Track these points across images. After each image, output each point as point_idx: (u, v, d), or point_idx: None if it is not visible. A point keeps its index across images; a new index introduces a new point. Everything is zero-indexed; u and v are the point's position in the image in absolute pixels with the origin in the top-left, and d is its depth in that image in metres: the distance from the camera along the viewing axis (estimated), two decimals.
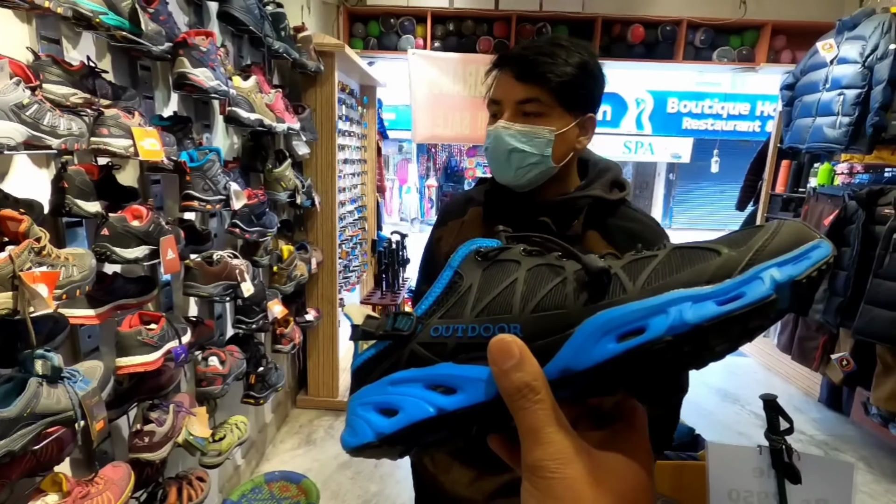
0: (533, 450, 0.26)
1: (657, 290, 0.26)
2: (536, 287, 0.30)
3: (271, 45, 2.08)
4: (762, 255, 0.25)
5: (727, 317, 0.24)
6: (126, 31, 1.20)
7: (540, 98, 0.85)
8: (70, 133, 1.02)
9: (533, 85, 0.85)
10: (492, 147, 0.89)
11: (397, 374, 0.31)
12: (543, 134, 0.86)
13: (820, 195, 3.00)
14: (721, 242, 0.27)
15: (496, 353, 0.27)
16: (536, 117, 0.87)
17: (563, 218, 0.90)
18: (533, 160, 0.88)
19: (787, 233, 0.26)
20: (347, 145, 3.18)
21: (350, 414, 0.32)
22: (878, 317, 2.34)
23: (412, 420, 0.29)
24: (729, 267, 0.25)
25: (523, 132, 0.87)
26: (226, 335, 2.04)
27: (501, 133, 0.87)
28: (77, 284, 1.01)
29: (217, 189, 1.57)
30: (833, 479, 1.22)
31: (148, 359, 1.23)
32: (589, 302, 0.28)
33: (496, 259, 0.32)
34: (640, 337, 0.25)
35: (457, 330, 0.30)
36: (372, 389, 0.31)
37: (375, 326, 0.32)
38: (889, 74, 2.34)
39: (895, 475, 2.60)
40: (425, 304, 0.32)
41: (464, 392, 0.29)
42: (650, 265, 0.28)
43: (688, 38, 3.81)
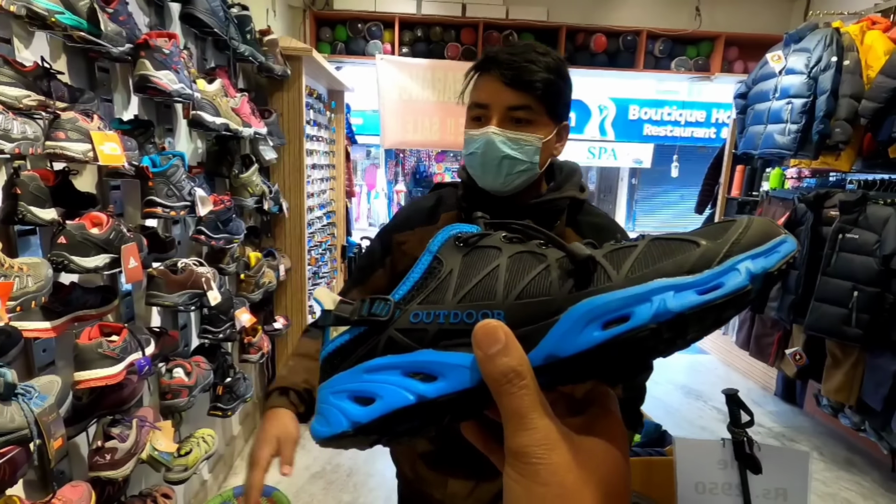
0: (518, 435, 0.26)
1: (641, 278, 0.27)
2: (520, 274, 0.29)
3: (237, 48, 2.04)
4: (737, 247, 0.26)
5: (707, 305, 0.25)
6: (84, 32, 1.16)
7: (531, 105, 0.85)
8: (24, 137, 0.97)
9: (523, 92, 0.84)
10: (481, 153, 0.88)
11: (373, 360, 0.30)
12: (533, 142, 0.87)
13: (772, 198, 3.16)
14: (698, 234, 0.28)
15: (482, 337, 0.27)
16: (526, 125, 0.87)
17: (544, 219, 0.92)
18: (522, 167, 0.88)
19: (757, 227, 0.27)
20: (315, 150, 3.14)
21: (321, 403, 0.31)
22: (826, 313, 2.48)
23: (391, 408, 0.28)
24: (708, 258, 0.26)
25: (515, 139, 0.86)
26: (191, 346, 1.97)
27: (493, 139, 0.86)
28: (32, 295, 0.96)
29: (181, 195, 1.52)
30: (790, 468, 1.28)
31: (109, 372, 1.18)
32: (574, 289, 0.28)
33: (476, 245, 0.32)
34: (625, 324, 0.26)
35: (438, 316, 0.29)
36: (345, 377, 0.30)
37: (350, 311, 0.31)
38: (832, 85, 2.49)
39: (845, 462, 2.75)
40: (403, 289, 0.31)
41: (445, 379, 0.28)
42: (632, 255, 0.28)
43: (648, 48, 3.95)
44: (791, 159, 2.94)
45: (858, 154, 2.64)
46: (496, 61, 0.86)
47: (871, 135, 2.51)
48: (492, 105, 0.87)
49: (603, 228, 0.95)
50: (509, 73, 0.84)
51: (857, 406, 2.49)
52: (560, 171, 0.99)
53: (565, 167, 0.99)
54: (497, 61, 0.85)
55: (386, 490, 2.41)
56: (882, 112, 2.37)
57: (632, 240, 0.31)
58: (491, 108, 0.87)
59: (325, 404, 0.30)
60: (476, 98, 0.89)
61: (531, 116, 0.86)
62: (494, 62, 0.85)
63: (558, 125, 0.91)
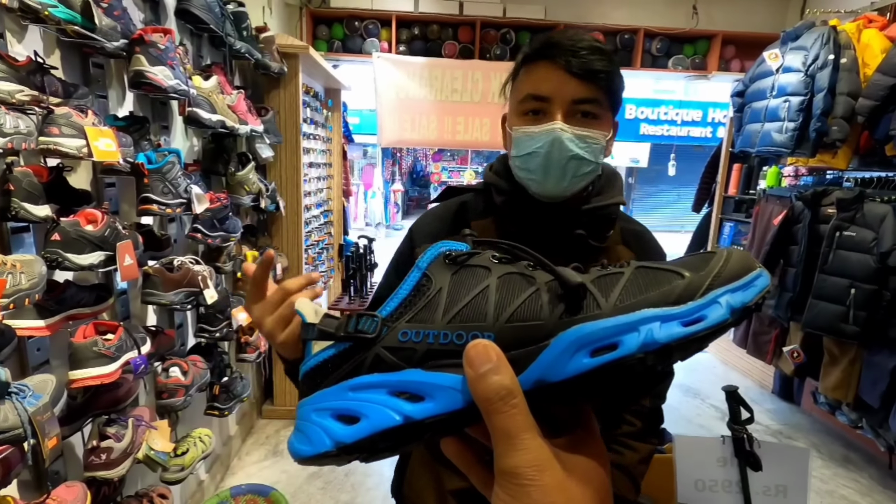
0: (509, 456, 0.26)
1: (629, 308, 0.27)
2: (510, 296, 0.29)
3: (233, 44, 2.02)
4: (718, 280, 0.28)
5: (692, 337, 0.26)
6: (78, 26, 1.14)
7: (598, 98, 0.76)
8: (17, 131, 0.96)
9: (591, 83, 0.75)
10: (545, 152, 0.76)
11: (359, 378, 0.29)
12: (600, 140, 0.78)
13: (769, 196, 3.16)
14: (682, 266, 0.29)
15: (473, 355, 0.27)
16: (593, 120, 0.77)
17: (598, 227, 0.83)
18: (588, 168, 0.78)
19: (736, 260, 0.29)
20: (312, 149, 3.12)
21: (302, 420, 0.30)
22: (823, 310, 2.48)
23: (377, 429, 0.28)
24: (692, 290, 0.28)
25: (583, 137, 0.76)
26: (187, 345, 1.96)
27: (561, 137, 0.75)
28: (25, 293, 0.95)
29: (177, 192, 1.50)
30: (790, 465, 1.28)
31: (104, 371, 1.16)
32: (564, 315, 0.28)
33: (466, 263, 0.32)
34: (613, 353, 0.27)
35: (428, 336, 0.29)
36: (328, 394, 0.30)
37: (335, 327, 0.30)
38: (829, 83, 2.50)
39: (842, 459, 2.76)
40: (391, 306, 0.31)
41: (433, 400, 0.28)
42: (620, 282, 0.29)
43: (645, 47, 3.95)
44: (788, 157, 2.95)
45: (855, 152, 2.64)
46: (559, 47, 0.75)
47: (868, 133, 2.51)
48: (555, 97, 0.76)
49: (642, 236, 0.89)
50: (576, 60, 0.73)
51: (854, 403, 2.49)
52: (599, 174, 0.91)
53: (605, 170, 0.89)
54: (560, 47, 0.74)
55: (384, 490, 2.40)
56: (879, 110, 2.37)
57: (618, 266, 0.31)
58: (553, 101, 0.76)
59: (306, 422, 0.30)
60: (534, 89, 0.77)
61: (598, 111, 0.77)
62: (557, 48, 0.75)
63: (613, 122, 0.83)
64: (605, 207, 0.83)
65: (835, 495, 2.46)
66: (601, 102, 0.77)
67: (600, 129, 0.78)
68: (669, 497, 1.35)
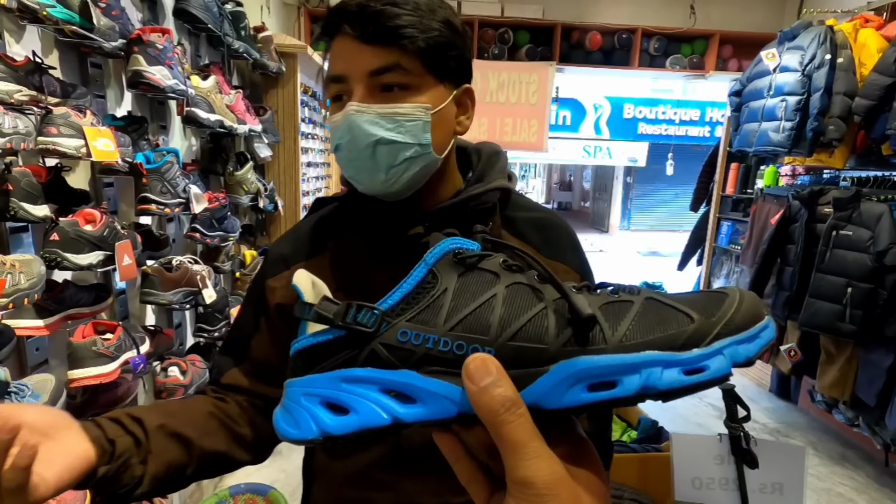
0: (523, 466, 0.25)
1: (634, 347, 0.27)
2: (516, 311, 0.29)
3: (231, 44, 2.02)
4: (727, 329, 0.28)
5: (690, 386, 0.27)
6: (76, 26, 1.14)
7: (402, 64, 0.60)
8: (15, 131, 0.96)
9: (389, 47, 0.60)
10: (346, 143, 0.62)
11: (353, 371, 0.29)
12: (416, 113, 0.62)
13: (766, 196, 3.17)
14: (693, 306, 0.29)
15: (473, 370, 0.27)
16: (402, 91, 0.62)
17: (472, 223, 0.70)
18: (409, 153, 0.62)
19: (747, 308, 0.29)
20: (311, 148, 3.13)
21: (290, 401, 0.30)
22: (820, 309, 2.49)
23: (364, 425, 0.28)
24: (699, 337, 0.28)
25: (388, 114, 0.61)
26: (186, 345, 1.96)
27: (356, 120, 0.60)
28: (25, 293, 0.95)
29: (176, 192, 1.51)
30: (787, 463, 1.29)
31: (104, 370, 1.17)
32: (569, 343, 0.28)
33: (475, 266, 0.31)
34: (611, 391, 0.27)
35: (428, 340, 0.29)
36: (321, 381, 0.29)
37: (333, 312, 0.29)
38: (825, 82, 2.51)
39: (839, 457, 2.77)
40: (393, 299, 0.30)
41: (424, 405, 0.28)
42: (628, 314, 0.29)
43: (643, 46, 3.96)
44: (785, 157, 2.96)
45: (852, 151, 2.66)
46: (344, 14, 0.61)
47: (865, 132, 2.52)
48: (350, 74, 0.61)
49: (545, 225, 0.75)
50: (363, 24, 0.59)
51: (850, 401, 2.51)
52: (477, 156, 0.75)
53: (483, 150, 0.76)
54: (345, 14, 0.61)
55: None
56: (875, 109, 2.38)
57: (627, 291, 0.31)
58: (349, 80, 0.61)
59: (295, 404, 0.29)
60: (331, 70, 0.64)
61: (406, 80, 0.61)
62: (342, 16, 0.61)
63: (455, 88, 0.66)
64: (478, 198, 0.68)
65: (831, 493, 2.47)
66: (410, 68, 0.60)
67: (414, 101, 0.62)
68: (667, 495, 1.36)
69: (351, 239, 0.72)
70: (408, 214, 0.68)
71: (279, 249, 0.75)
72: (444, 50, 0.62)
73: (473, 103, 0.70)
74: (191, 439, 0.62)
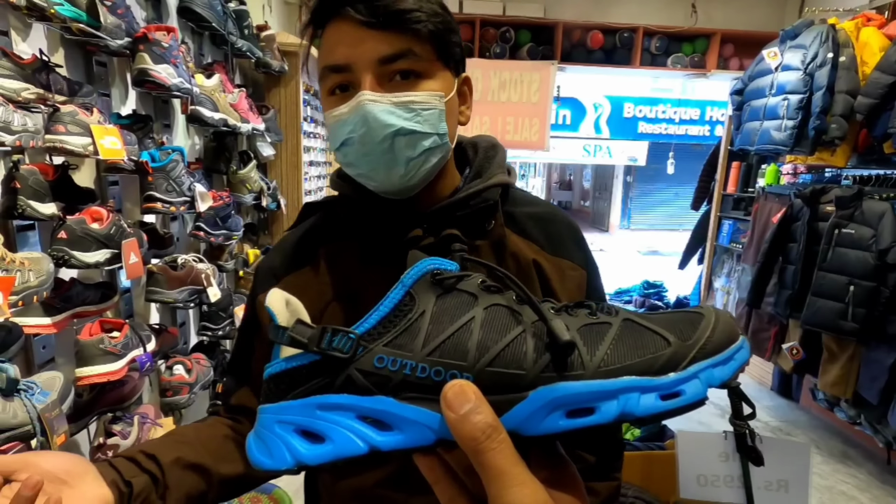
0: (507, 492, 0.25)
1: (612, 373, 0.27)
2: (494, 336, 0.29)
3: (234, 42, 2.02)
4: (702, 352, 0.28)
5: (666, 411, 0.27)
6: (83, 24, 1.14)
7: (414, 50, 0.57)
8: (25, 129, 0.96)
9: (400, 32, 0.56)
10: (359, 136, 0.57)
11: (328, 397, 0.28)
12: (432, 101, 0.58)
13: (768, 194, 3.17)
14: (669, 328, 0.29)
15: (452, 398, 0.26)
16: (415, 80, 0.58)
17: (474, 223, 0.65)
18: (428, 143, 0.59)
19: (722, 329, 0.29)
20: (313, 147, 3.13)
21: (264, 428, 0.29)
22: (822, 307, 2.50)
23: (340, 455, 0.27)
24: (675, 361, 0.28)
25: (404, 103, 0.57)
26: (190, 343, 1.96)
27: (372, 110, 0.55)
28: (34, 290, 0.95)
29: (181, 190, 1.51)
30: (791, 460, 1.29)
31: (111, 368, 1.17)
32: (548, 369, 0.28)
33: (453, 287, 0.30)
34: (589, 417, 0.27)
35: (405, 367, 0.28)
36: (295, 408, 0.28)
37: (308, 337, 0.28)
38: (828, 81, 2.51)
39: (841, 455, 2.77)
40: (369, 323, 0.29)
41: (402, 433, 0.28)
42: (606, 338, 0.29)
43: (644, 45, 3.96)
44: (787, 155, 2.96)
45: (854, 150, 2.66)
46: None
47: (867, 130, 2.53)
48: (355, 62, 0.56)
49: (547, 220, 0.72)
50: (368, 7, 0.55)
51: (852, 400, 2.51)
52: (473, 150, 0.71)
53: (480, 144, 0.71)
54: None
55: None
56: (877, 108, 2.38)
57: (605, 312, 0.31)
58: (355, 68, 0.56)
59: (268, 432, 0.29)
60: (329, 59, 0.58)
61: (419, 66, 0.58)
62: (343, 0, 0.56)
63: (457, 77, 0.63)
64: (479, 195, 0.64)
65: (833, 491, 2.48)
66: (421, 54, 0.57)
67: (430, 89, 0.58)
68: (671, 492, 1.36)
69: (342, 244, 0.68)
70: (405, 215, 0.63)
71: (269, 263, 0.72)
72: (448, 35, 0.60)
73: (472, 93, 0.68)
74: (208, 467, 0.62)
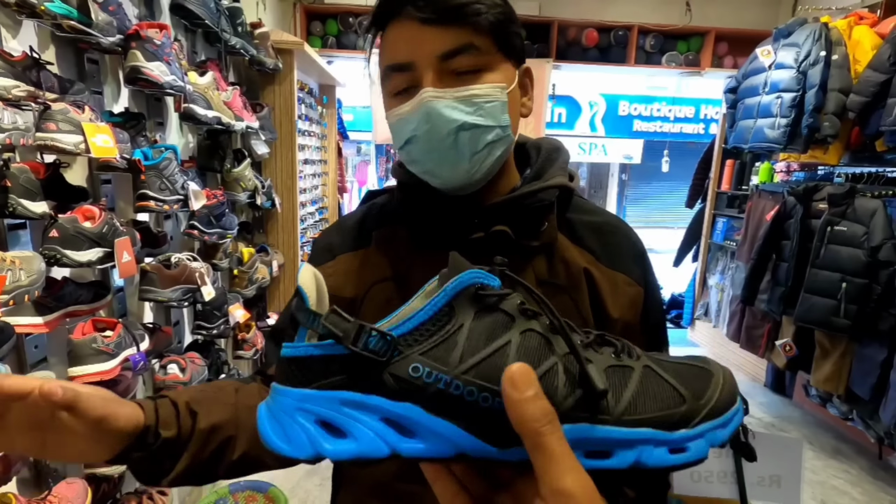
0: (563, 477, 0.26)
1: (633, 423, 0.30)
2: (529, 364, 0.29)
3: (228, 40, 2.01)
4: (711, 412, 0.31)
5: (672, 465, 0.30)
6: (74, 21, 1.13)
7: (475, 43, 0.57)
8: (15, 127, 0.95)
9: (457, 26, 0.56)
10: (424, 133, 0.58)
11: (357, 395, 0.28)
12: (494, 94, 0.58)
13: (762, 192, 3.19)
14: (684, 384, 0.32)
15: (518, 379, 0.27)
16: (476, 74, 0.58)
17: (527, 221, 0.64)
18: (491, 136, 0.59)
19: (727, 390, 0.32)
20: (308, 145, 3.12)
21: (283, 413, 0.28)
22: (815, 304, 2.52)
23: (363, 454, 0.27)
24: (688, 417, 0.31)
25: (466, 97, 0.57)
26: (184, 342, 1.95)
27: (435, 106, 0.56)
28: (25, 289, 0.94)
29: (174, 189, 1.50)
30: (784, 455, 1.30)
31: (104, 367, 1.16)
32: (578, 408, 0.29)
33: (493, 306, 0.30)
34: (606, 461, 0.29)
35: (440, 380, 0.28)
36: (319, 399, 0.28)
37: (344, 330, 0.27)
38: (820, 79, 2.52)
39: (833, 451, 2.80)
40: (407, 326, 0.29)
41: (424, 441, 0.28)
42: (629, 385, 0.31)
43: (639, 43, 3.97)
44: (780, 153, 2.98)
45: (846, 148, 2.68)
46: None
47: (859, 128, 2.55)
48: (416, 60, 0.57)
49: (606, 231, 0.70)
50: (429, 4, 0.55)
51: (845, 395, 2.53)
52: (536, 151, 0.71)
53: (543, 145, 0.71)
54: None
55: None
56: (869, 106, 2.40)
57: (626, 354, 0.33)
58: (417, 66, 0.57)
59: (289, 418, 0.28)
60: (391, 59, 0.59)
61: (479, 60, 0.58)
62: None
63: (518, 68, 0.63)
64: (535, 195, 0.63)
65: (826, 486, 2.50)
66: (482, 47, 0.57)
67: (492, 81, 0.58)
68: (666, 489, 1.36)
69: (395, 228, 0.69)
70: (464, 209, 0.64)
71: (327, 239, 0.74)
72: (508, 25, 0.60)
73: (533, 84, 0.67)
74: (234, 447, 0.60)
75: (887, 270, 2.29)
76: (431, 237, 0.66)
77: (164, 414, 0.55)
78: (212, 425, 0.58)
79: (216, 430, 0.58)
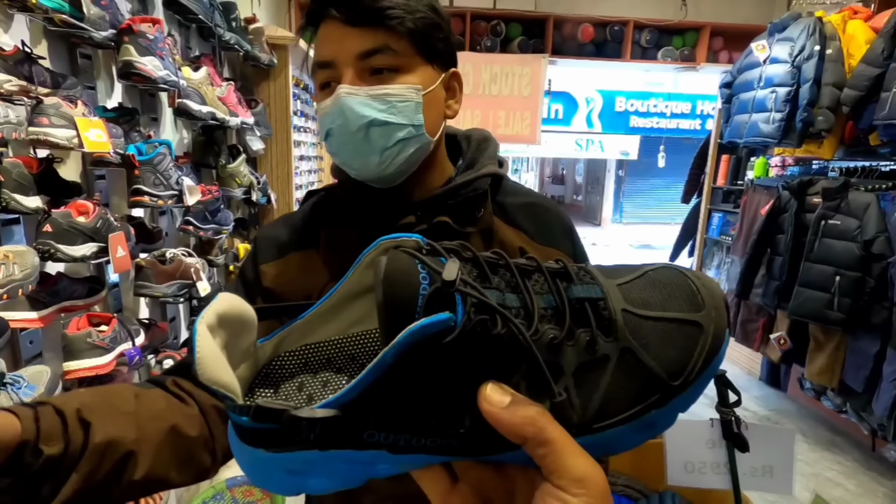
0: (575, 463, 0.25)
1: (603, 428, 0.28)
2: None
3: (222, 35, 2.01)
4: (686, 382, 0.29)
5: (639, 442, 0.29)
6: (66, 15, 1.13)
7: (391, 45, 0.60)
8: (7, 121, 0.95)
9: (377, 29, 0.60)
10: (338, 126, 0.62)
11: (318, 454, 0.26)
12: (408, 94, 0.62)
13: (757, 186, 3.20)
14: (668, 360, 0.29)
15: (491, 394, 0.26)
16: (392, 74, 0.61)
17: (464, 211, 0.68)
18: (402, 134, 0.62)
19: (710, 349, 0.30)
20: (303, 141, 3.11)
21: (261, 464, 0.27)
22: (809, 298, 2.53)
23: (344, 487, 0.29)
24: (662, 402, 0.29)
25: (379, 95, 0.61)
26: (180, 338, 1.96)
27: (348, 102, 0.60)
28: (19, 284, 0.94)
29: (169, 184, 1.50)
30: (776, 446, 1.31)
31: (99, 362, 1.16)
32: None
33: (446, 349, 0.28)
34: None
35: (398, 439, 0.27)
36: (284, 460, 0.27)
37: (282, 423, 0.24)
38: (815, 73, 2.53)
39: (827, 443, 2.82)
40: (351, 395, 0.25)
41: (399, 465, 0.28)
42: (601, 385, 0.28)
43: (634, 38, 3.97)
44: (775, 148, 2.98)
45: (840, 142, 2.69)
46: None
47: (853, 123, 2.55)
48: (337, 58, 0.61)
49: (537, 210, 0.75)
50: (350, 7, 0.59)
51: (839, 388, 2.55)
52: (467, 142, 0.75)
53: (473, 136, 0.75)
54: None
55: None
56: (863, 100, 2.41)
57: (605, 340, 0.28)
58: (338, 64, 0.61)
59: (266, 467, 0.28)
60: (318, 56, 0.63)
61: (396, 62, 0.61)
62: (328, 1, 0.60)
63: (443, 72, 0.66)
64: (470, 185, 0.67)
65: (820, 478, 2.52)
66: (399, 50, 0.61)
67: (407, 83, 0.62)
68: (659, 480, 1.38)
69: (343, 228, 0.71)
70: (398, 203, 0.67)
71: (273, 233, 0.73)
72: (430, 31, 0.63)
73: (461, 88, 0.71)
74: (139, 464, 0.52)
75: (880, 264, 2.30)
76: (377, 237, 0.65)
77: (47, 425, 0.46)
78: (109, 439, 0.49)
79: (113, 445, 0.50)
